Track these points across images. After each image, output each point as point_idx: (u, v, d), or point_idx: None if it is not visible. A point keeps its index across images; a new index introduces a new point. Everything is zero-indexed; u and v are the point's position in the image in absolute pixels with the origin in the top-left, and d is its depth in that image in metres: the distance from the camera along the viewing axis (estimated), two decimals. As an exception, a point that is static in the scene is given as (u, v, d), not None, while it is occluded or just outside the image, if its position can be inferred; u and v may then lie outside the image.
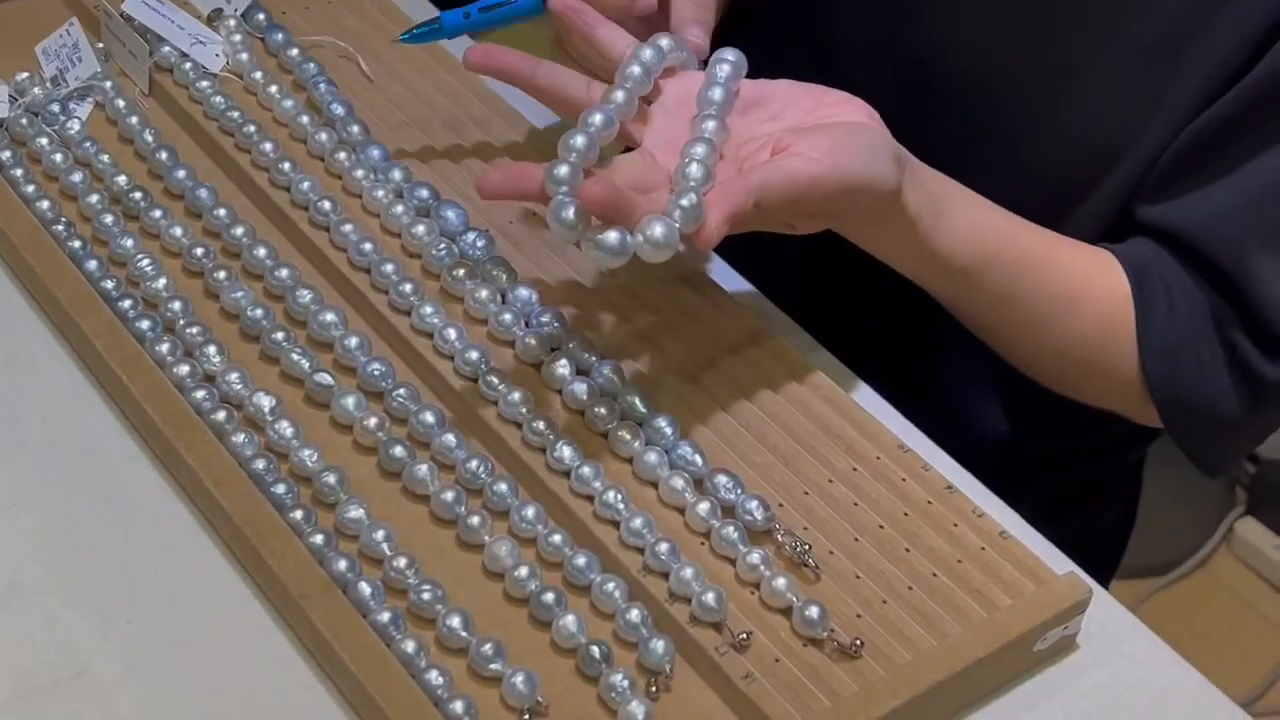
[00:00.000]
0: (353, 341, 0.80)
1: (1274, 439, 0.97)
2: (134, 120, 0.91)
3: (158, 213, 0.86)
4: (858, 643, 0.69)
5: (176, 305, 0.81)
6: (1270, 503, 1.87)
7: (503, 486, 0.75)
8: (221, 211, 0.86)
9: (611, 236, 0.70)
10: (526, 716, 0.67)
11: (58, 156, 0.89)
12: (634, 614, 0.70)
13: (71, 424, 0.78)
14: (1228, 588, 1.83)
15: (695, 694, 0.69)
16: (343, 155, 0.89)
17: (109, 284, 0.82)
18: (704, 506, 0.74)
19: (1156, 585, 1.82)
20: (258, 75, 0.94)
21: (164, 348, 0.79)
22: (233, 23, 0.96)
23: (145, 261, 0.83)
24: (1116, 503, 1.12)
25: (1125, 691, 0.72)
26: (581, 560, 0.72)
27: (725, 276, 0.88)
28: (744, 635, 0.69)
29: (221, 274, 0.83)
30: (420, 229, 0.85)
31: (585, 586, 0.72)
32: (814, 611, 0.70)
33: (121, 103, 0.92)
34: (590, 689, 0.69)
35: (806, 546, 0.73)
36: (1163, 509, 1.46)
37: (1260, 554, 1.84)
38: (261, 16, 0.97)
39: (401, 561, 0.71)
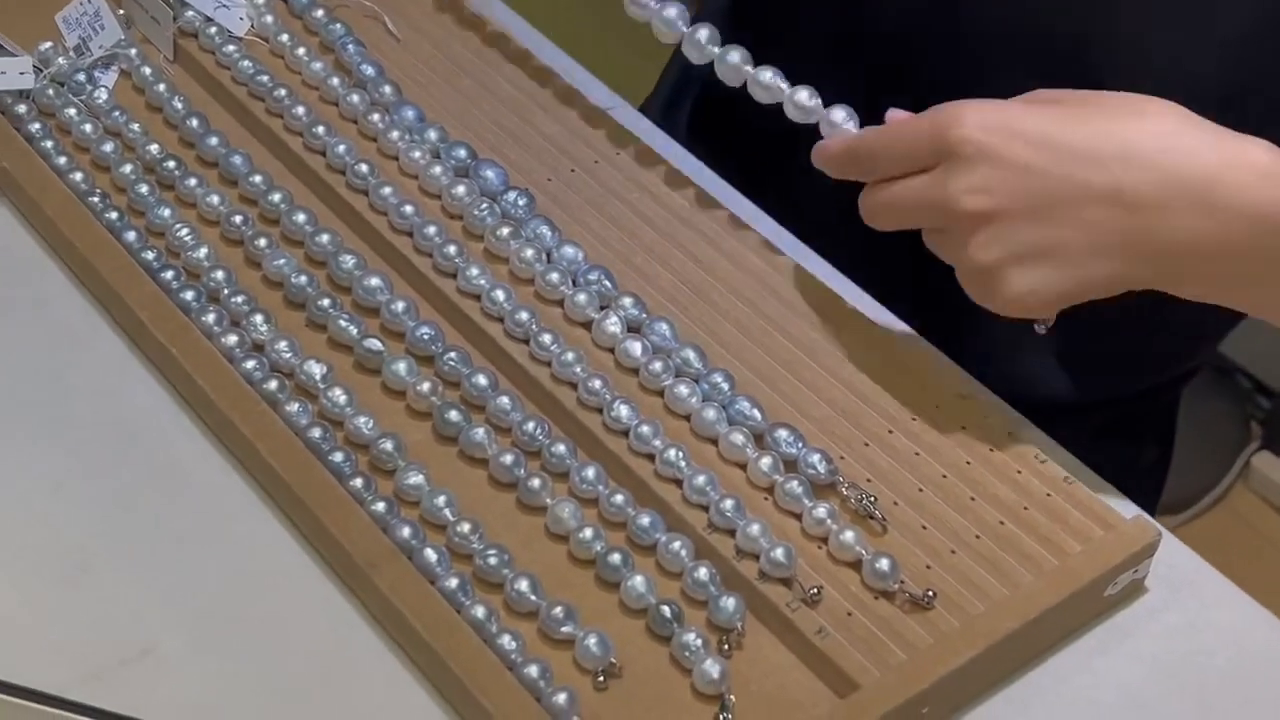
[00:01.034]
0: (400, 306, 0.79)
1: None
2: (161, 88, 0.90)
3: (193, 181, 0.85)
4: (930, 594, 0.69)
5: (219, 275, 0.80)
6: (1287, 437, 1.87)
7: (561, 448, 0.74)
8: (257, 178, 0.85)
9: None
10: (601, 678, 0.67)
11: (87, 127, 0.88)
12: (702, 572, 0.70)
13: (121, 399, 0.77)
14: (1246, 522, 1.83)
15: (768, 651, 0.69)
16: (376, 117, 0.88)
17: (149, 255, 0.81)
18: (766, 462, 0.73)
19: (1175, 522, 1.82)
20: (284, 38, 0.92)
21: (210, 318, 0.78)
22: (256, -15, 0.95)
23: (184, 231, 0.82)
24: (1153, 443, 1.12)
25: (1196, 634, 0.72)
26: (645, 520, 0.71)
27: (767, 227, 0.87)
28: (815, 590, 0.69)
29: (262, 241, 0.82)
30: (460, 189, 0.84)
31: (650, 546, 0.71)
32: (884, 564, 0.69)
33: (148, 70, 0.91)
34: (663, 649, 0.68)
35: (873, 498, 0.72)
36: (1179, 446, 1.46)
37: (1278, 488, 1.84)
38: (284, -23, 0.96)
39: (465, 527, 0.71)
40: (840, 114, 0.80)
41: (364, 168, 0.85)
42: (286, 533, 0.72)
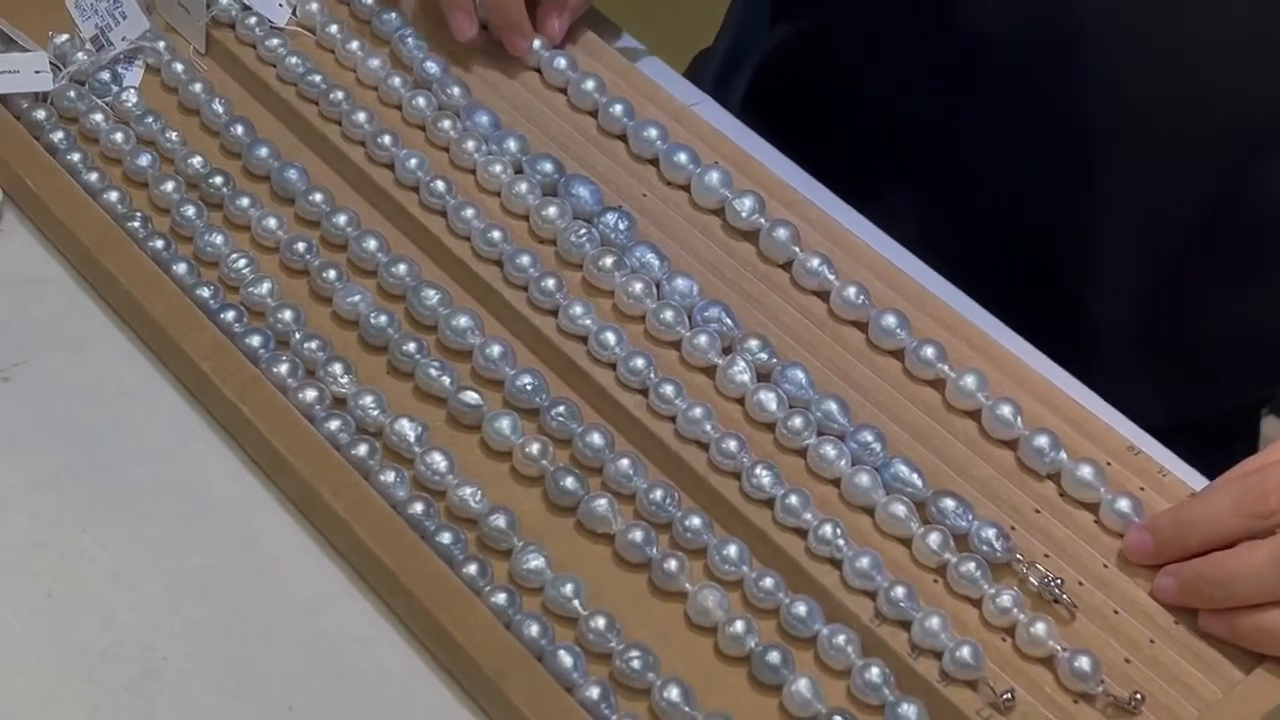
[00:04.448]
0: (495, 350, 0.69)
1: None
2: (197, 88, 0.79)
3: (245, 200, 0.74)
4: (1138, 696, 0.60)
5: (287, 315, 0.70)
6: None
7: (695, 521, 0.65)
8: (317, 196, 0.75)
9: None
10: (772, 804, 0.58)
11: (118, 136, 0.77)
12: (874, 672, 0.61)
13: (183, 466, 0.67)
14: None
15: (956, 765, 0.60)
16: (447, 124, 0.77)
17: (205, 292, 0.70)
18: (934, 538, 0.64)
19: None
20: (333, 29, 0.81)
21: (283, 369, 0.68)
22: (296, -33, 0.84)
23: (242, 262, 0.72)
24: (1244, 453, 1.06)
25: None
26: (801, 608, 0.62)
27: (879, 240, 0.78)
28: (1007, 694, 0.60)
29: (331, 273, 0.72)
30: (551, 210, 0.74)
31: (809, 639, 0.62)
32: (1085, 663, 0.61)
33: (179, 66, 0.80)
34: (837, 765, 0.59)
35: (1059, 580, 0.63)
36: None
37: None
38: (327, -42, 0.85)
39: (600, 622, 0.61)
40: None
41: (440, 185, 0.74)
42: (390, 627, 0.63)
